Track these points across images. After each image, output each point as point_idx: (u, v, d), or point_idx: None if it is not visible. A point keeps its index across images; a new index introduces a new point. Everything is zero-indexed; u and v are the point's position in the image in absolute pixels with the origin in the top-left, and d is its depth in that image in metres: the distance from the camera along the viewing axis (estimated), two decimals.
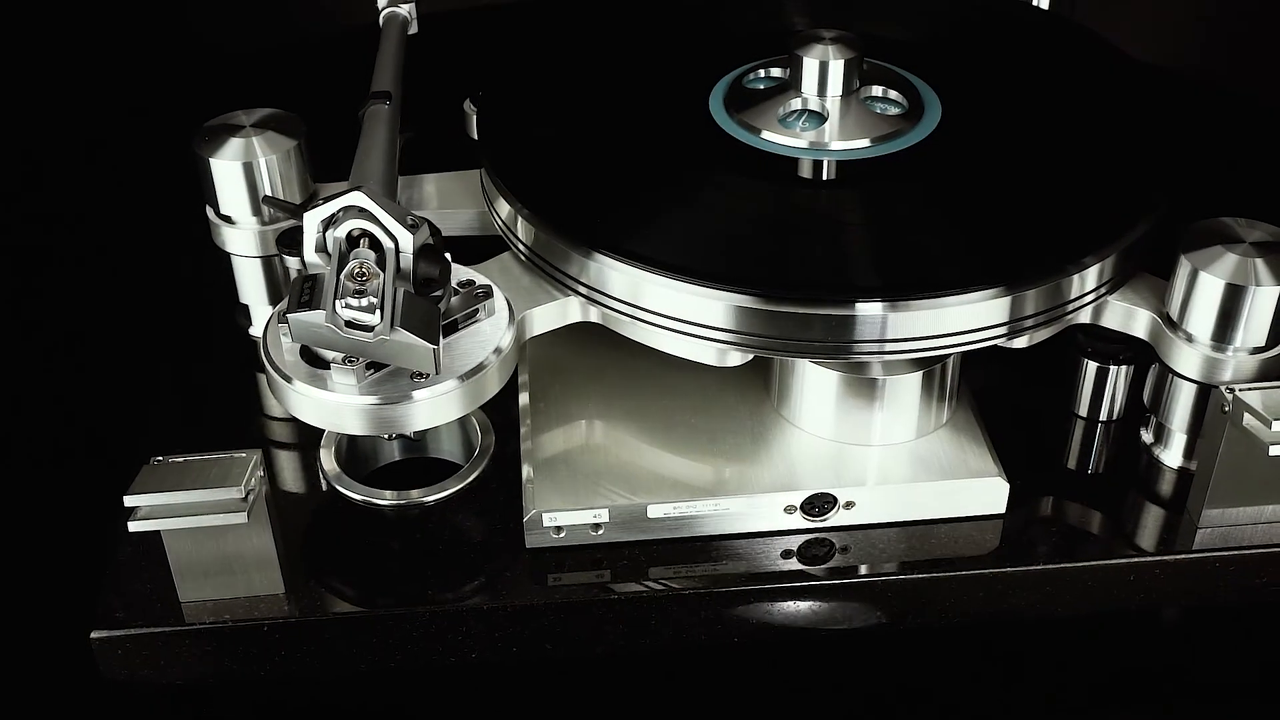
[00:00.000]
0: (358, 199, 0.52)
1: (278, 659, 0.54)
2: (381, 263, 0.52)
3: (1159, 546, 0.56)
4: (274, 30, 0.69)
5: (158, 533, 0.51)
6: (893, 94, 0.62)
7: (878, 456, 0.57)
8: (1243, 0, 0.91)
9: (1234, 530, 0.56)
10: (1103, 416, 0.61)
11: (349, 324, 0.51)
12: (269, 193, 0.63)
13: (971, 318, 0.54)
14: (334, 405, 0.52)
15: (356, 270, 0.51)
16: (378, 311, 0.50)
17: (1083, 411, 0.62)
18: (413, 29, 0.67)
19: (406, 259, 0.52)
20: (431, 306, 0.52)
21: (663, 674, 0.61)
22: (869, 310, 0.52)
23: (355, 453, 0.60)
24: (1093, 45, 0.69)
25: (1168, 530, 0.57)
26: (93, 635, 0.53)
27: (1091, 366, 0.61)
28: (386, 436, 0.60)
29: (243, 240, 0.64)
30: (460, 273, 0.57)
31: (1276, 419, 0.52)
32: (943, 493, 0.56)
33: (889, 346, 0.53)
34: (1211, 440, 0.55)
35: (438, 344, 0.51)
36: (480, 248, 0.60)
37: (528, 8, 0.69)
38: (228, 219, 0.63)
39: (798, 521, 0.56)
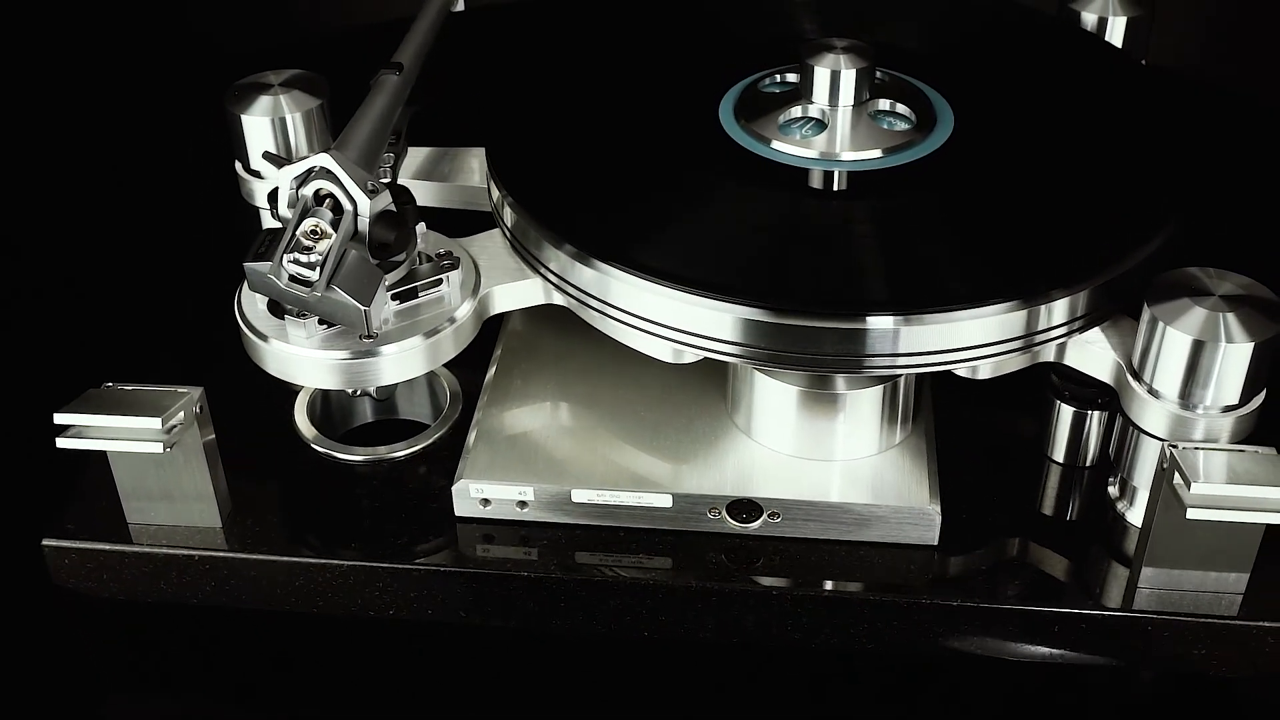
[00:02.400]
0: (324, 160, 0.54)
1: (208, 589, 0.57)
2: (336, 223, 0.54)
3: (1090, 600, 0.54)
4: (275, 30, 0.72)
5: None
6: (901, 108, 0.61)
7: (814, 470, 0.56)
8: (1243, 0, 0.87)
9: (1176, 595, 0.54)
10: (1075, 462, 0.59)
11: (292, 278, 0.53)
12: (297, 147, 0.65)
13: (920, 341, 0.53)
14: (290, 357, 0.55)
15: (311, 228, 0.54)
16: (318, 268, 0.52)
17: (1056, 455, 0.60)
18: (459, 6, 0.69)
19: (364, 222, 0.54)
20: (374, 271, 0.54)
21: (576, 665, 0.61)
22: (820, 324, 0.52)
23: (330, 411, 0.63)
24: (1110, 57, 0.68)
25: (1106, 586, 0.54)
26: (44, 543, 0.57)
27: (1064, 410, 0.59)
28: (351, 393, 0.62)
29: None
30: (443, 243, 0.59)
31: (1196, 481, 0.49)
32: (873, 515, 0.55)
33: (842, 361, 0.53)
34: (1154, 497, 0.53)
35: (369, 305, 0.53)
36: None
37: (562, 5, 0.70)
38: (257, 174, 0.67)
39: (724, 526, 0.56)
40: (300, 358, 0.55)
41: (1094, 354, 0.55)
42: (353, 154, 0.56)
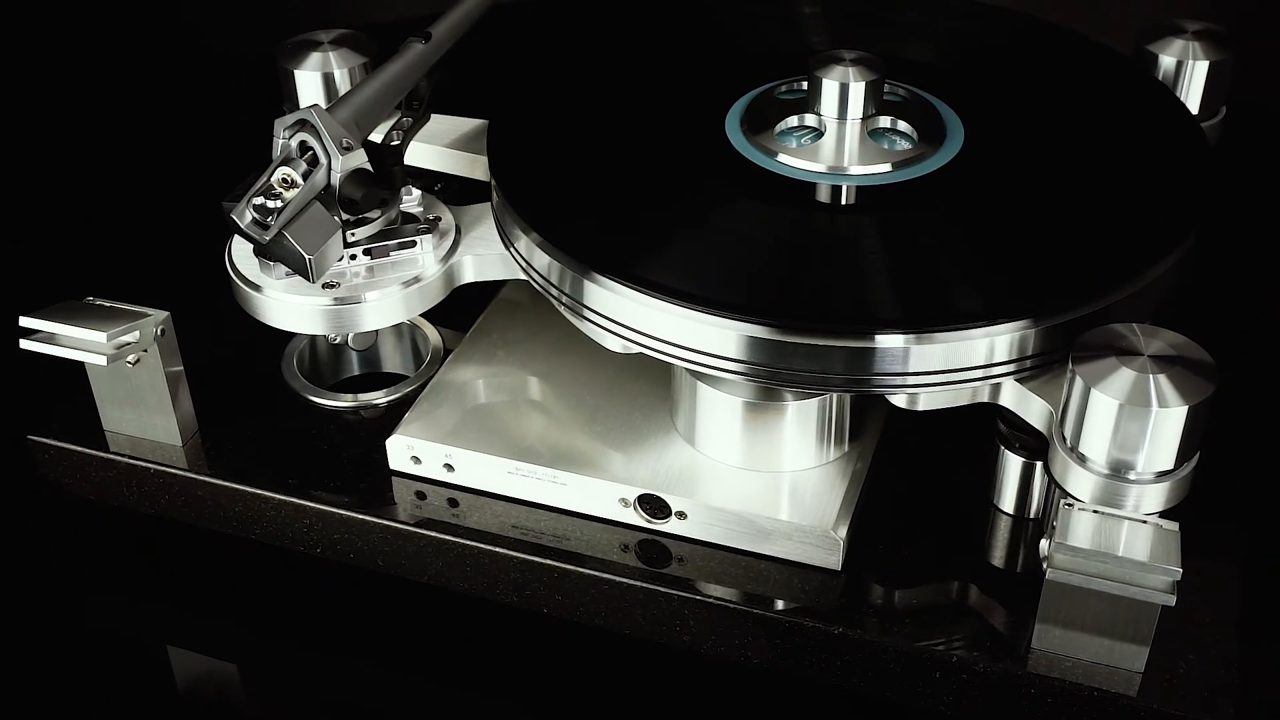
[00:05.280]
0: (308, 115, 0.57)
1: (163, 501, 0.61)
2: (307, 175, 0.57)
3: (978, 651, 0.52)
4: (275, 32, 0.74)
5: None
6: (902, 125, 0.60)
7: (732, 478, 0.56)
8: (1243, 0, 0.83)
9: (1069, 661, 0.51)
10: (1021, 513, 0.57)
11: (254, 220, 0.56)
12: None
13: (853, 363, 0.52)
14: (259, 301, 0.58)
15: (283, 177, 0.57)
16: (276, 214, 0.55)
17: (1003, 505, 0.57)
18: None
19: (335, 177, 0.57)
20: (332, 224, 0.56)
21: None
22: (756, 332, 0.52)
23: (319, 359, 0.66)
24: (1126, 73, 0.65)
25: (1002, 641, 0.52)
26: (28, 437, 0.62)
27: (1010, 458, 0.56)
28: (330, 339, 0.65)
29: None
30: (437, 209, 0.62)
31: (1061, 541, 0.47)
32: (776, 530, 0.54)
33: (779, 373, 0.53)
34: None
35: (313, 254, 0.55)
36: None
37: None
38: None
39: (635, 518, 0.56)
40: (263, 301, 0.58)
41: (1031, 400, 0.53)
42: (345, 112, 0.59)
